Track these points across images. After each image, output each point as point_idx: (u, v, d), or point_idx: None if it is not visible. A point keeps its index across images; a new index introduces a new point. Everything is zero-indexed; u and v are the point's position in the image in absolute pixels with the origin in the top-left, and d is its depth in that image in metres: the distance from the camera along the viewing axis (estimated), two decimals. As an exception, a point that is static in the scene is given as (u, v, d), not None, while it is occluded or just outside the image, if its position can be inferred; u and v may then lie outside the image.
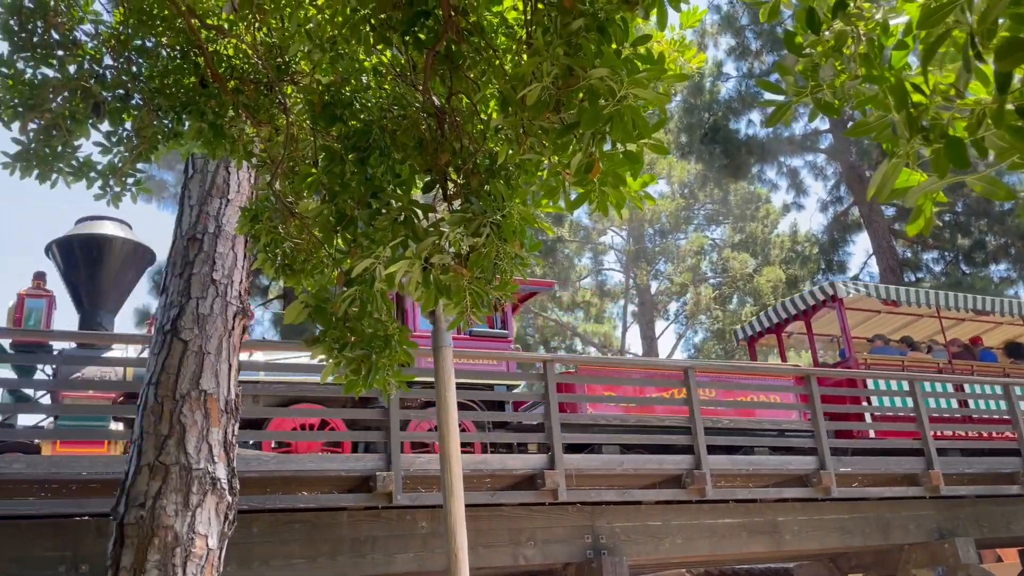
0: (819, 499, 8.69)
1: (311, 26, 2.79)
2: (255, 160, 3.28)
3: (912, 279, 24.28)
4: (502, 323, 9.42)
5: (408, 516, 6.88)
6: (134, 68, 2.95)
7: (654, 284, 31.52)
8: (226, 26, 3.00)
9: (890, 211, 23.37)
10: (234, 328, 4.44)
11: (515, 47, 2.65)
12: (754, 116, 24.26)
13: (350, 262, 2.71)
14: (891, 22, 1.91)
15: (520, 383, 9.77)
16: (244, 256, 4.67)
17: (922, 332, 12.83)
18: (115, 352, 7.93)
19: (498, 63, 2.59)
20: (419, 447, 8.14)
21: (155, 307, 7.51)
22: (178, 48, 2.96)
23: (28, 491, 5.83)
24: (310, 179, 2.91)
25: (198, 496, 3.86)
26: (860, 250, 56.05)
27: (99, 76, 2.90)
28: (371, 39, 2.63)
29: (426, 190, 2.87)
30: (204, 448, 3.99)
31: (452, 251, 2.52)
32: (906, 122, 1.76)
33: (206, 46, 2.92)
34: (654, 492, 7.82)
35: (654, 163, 27.99)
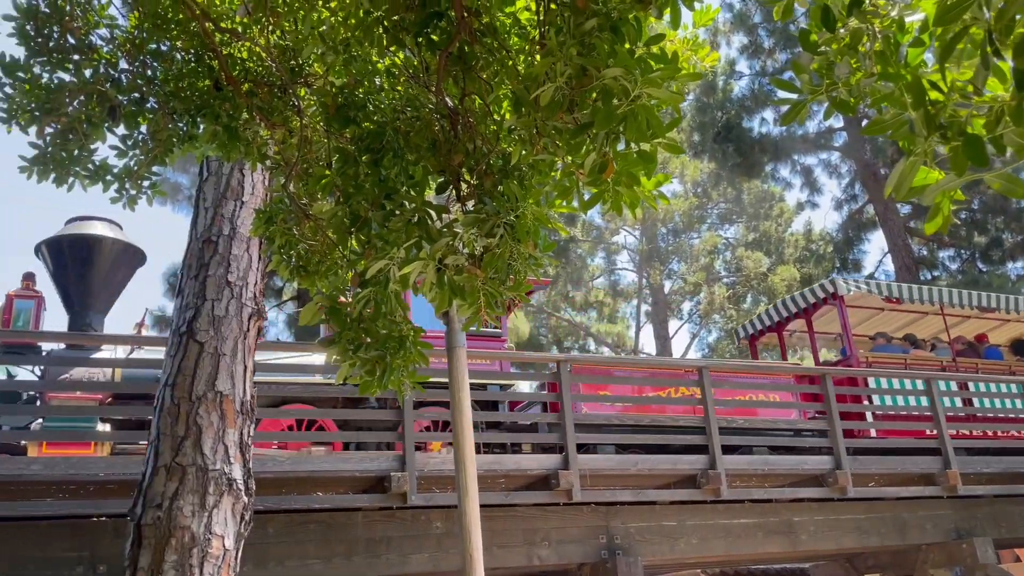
0: (835, 499, 8.64)
1: (324, 28, 2.80)
2: (269, 162, 3.29)
3: (928, 277, 24.09)
4: (496, 322, 9.30)
5: (423, 516, 6.89)
6: (149, 72, 2.97)
7: (667, 284, 31.45)
8: (240, 29, 3.01)
9: (905, 209, 23.17)
10: (249, 329, 4.46)
11: (528, 47, 2.65)
12: (767, 114, 24.14)
13: (364, 263, 2.72)
14: (907, 19, 1.89)
15: (512, 383, 9.63)
16: (259, 258, 4.69)
17: (927, 330, 12.66)
18: (104, 353, 7.74)
19: (511, 64, 2.59)
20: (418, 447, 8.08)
21: (171, 309, 7.50)
22: (192, 52, 2.98)
23: (46, 492, 5.88)
24: (324, 181, 2.92)
25: (214, 497, 3.88)
26: (875, 248, 55.29)
27: (115, 80, 2.93)
28: (384, 41, 2.64)
29: (440, 191, 2.87)
30: (220, 449, 4.01)
31: (466, 252, 2.52)
32: (923, 120, 1.75)
33: (220, 49, 2.94)
34: (669, 492, 7.80)
35: (667, 162, 27.90)
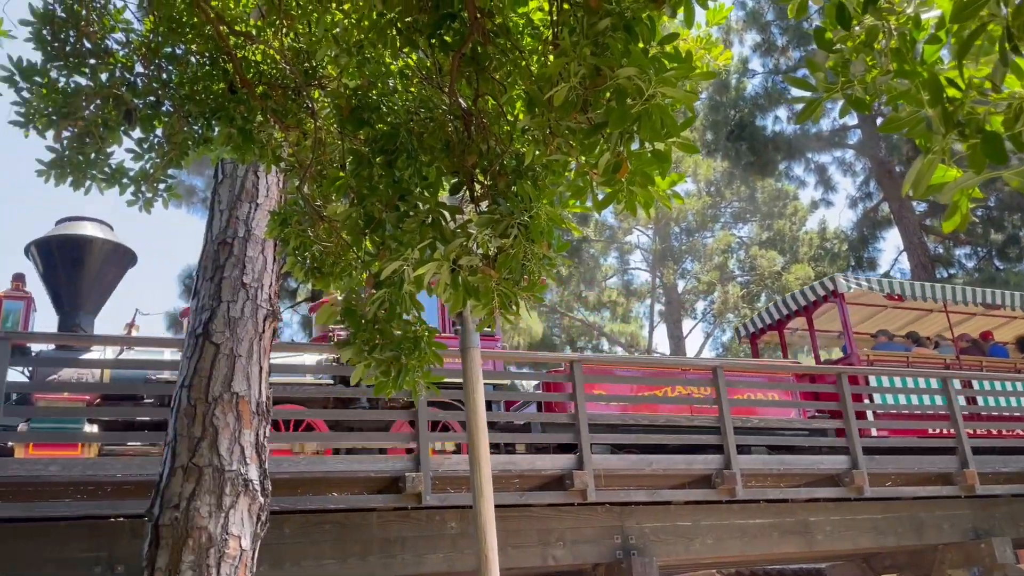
0: (851, 499, 8.59)
1: (338, 31, 2.81)
2: (284, 164, 3.31)
3: (944, 275, 23.88)
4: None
5: (437, 517, 6.90)
6: (164, 75, 2.99)
7: (681, 283, 31.32)
8: (254, 32, 3.03)
9: (921, 207, 22.98)
10: (264, 331, 4.48)
11: (541, 48, 2.64)
12: (781, 112, 24.03)
13: (379, 265, 2.72)
14: (923, 16, 1.88)
15: (507, 382, 9.57)
16: (274, 260, 4.71)
17: (931, 328, 12.49)
18: (93, 354, 7.66)
19: (524, 64, 2.58)
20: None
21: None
22: (207, 55, 3.00)
23: (64, 493, 5.93)
24: (338, 182, 2.93)
25: (231, 497, 3.90)
26: (891, 246, 54.69)
27: (130, 84, 2.95)
28: (397, 42, 2.64)
29: (453, 192, 2.87)
30: (236, 450, 4.03)
31: (480, 252, 2.52)
32: (941, 117, 1.73)
33: (235, 52, 2.95)
34: (684, 492, 7.77)
35: (680, 161, 27.79)
